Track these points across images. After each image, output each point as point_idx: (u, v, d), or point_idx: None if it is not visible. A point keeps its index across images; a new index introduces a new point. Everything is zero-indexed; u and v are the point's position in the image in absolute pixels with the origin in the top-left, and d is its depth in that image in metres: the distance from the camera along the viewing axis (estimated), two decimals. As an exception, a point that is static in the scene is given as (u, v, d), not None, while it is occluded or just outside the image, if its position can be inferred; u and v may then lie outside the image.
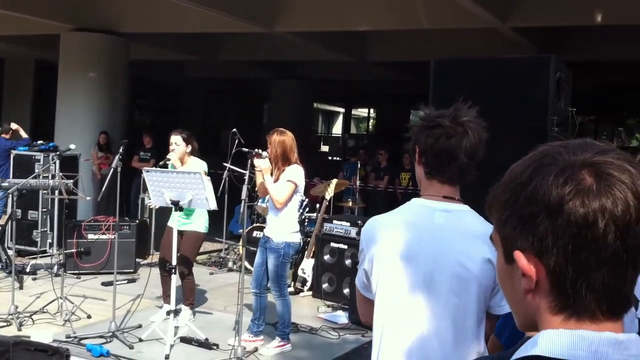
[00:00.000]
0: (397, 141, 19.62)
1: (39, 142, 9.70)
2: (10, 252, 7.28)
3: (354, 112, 30.08)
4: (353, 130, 30.43)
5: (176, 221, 5.58)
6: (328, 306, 6.96)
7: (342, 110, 30.04)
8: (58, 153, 7.35)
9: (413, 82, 14.20)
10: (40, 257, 8.42)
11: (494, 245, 0.98)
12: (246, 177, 5.59)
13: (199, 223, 6.04)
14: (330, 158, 23.54)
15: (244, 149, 5.88)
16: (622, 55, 12.17)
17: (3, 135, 9.89)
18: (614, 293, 0.87)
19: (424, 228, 2.04)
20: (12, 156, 9.24)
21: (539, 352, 0.87)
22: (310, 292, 7.42)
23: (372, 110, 28.40)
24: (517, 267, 0.91)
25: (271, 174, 5.39)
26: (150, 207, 6.18)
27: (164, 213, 6.35)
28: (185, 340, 5.52)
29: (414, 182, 10.47)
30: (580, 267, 0.86)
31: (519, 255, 0.90)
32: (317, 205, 8.03)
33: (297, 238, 5.52)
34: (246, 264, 7.69)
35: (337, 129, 31.27)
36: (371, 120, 28.97)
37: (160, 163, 6.07)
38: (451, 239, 2.01)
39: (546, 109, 4.30)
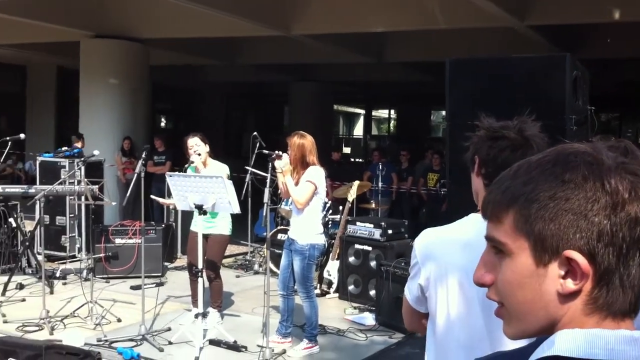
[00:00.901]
0: (419, 142, 19.57)
1: (63, 148, 9.83)
2: (39, 258, 7.38)
3: (374, 113, 30.06)
4: (374, 131, 30.41)
5: (200, 225, 5.63)
6: (355, 308, 6.98)
7: (362, 111, 30.03)
8: (83, 159, 7.44)
9: (433, 82, 14.17)
10: (70, 262, 8.54)
11: (498, 247, 0.93)
12: (268, 180, 5.63)
13: (223, 226, 6.09)
14: (352, 160, 23.54)
15: (264, 151, 5.93)
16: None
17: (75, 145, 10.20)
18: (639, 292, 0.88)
19: (482, 247, 2.03)
20: (38, 163, 9.39)
21: (557, 352, 0.86)
22: (337, 294, 7.45)
23: (392, 111, 28.36)
24: (553, 268, 0.88)
25: (292, 176, 5.42)
26: (167, 206, 6.19)
27: (189, 217, 6.41)
28: (214, 342, 5.57)
29: (442, 184, 10.44)
30: (628, 266, 0.86)
31: (576, 255, 0.86)
32: (340, 207, 8.06)
33: (321, 239, 5.56)
34: (272, 266, 7.74)
35: (359, 130, 31.26)
36: (392, 121, 28.93)
37: (185, 166, 6.12)
38: None
39: (563, 107, 4.30)
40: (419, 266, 2.10)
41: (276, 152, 5.50)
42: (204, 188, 5.42)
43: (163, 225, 8.53)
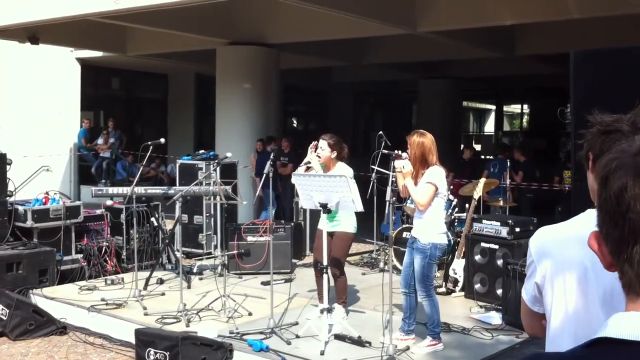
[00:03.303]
0: (553, 137, 18.82)
1: (200, 151, 10.39)
2: (178, 254, 7.87)
3: (505, 108, 29.21)
4: (506, 127, 29.54)
5: (325, 223, 5.79)
6: (481, 307, 6.88)
7: (493, 107, 29.27)
8: (217, 161, 7.84)
9: (566, 74, 13.59)
10: (206, 258, 9.03)
11: None
12: (390, 179, 5.68)
13: (348, 223, 6.19)
14: (482, 157, 23.05)
15: (383, 150, 5.96)
16: None
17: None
18: None
19: None
20: (177, 165, 10.00)
21: (607, 334, 0.86)
22: (463, 293, 7.38)
23: (525, 106, 27.43)
24: None
25: (412, 175, 5.44)
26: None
27: (317, 215, 6.59)
28: (339, 337, 5.69)
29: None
30: None
31: None
32: (467, 205, 7.96)
33: (444, 239, 5.54)
34: (397, 264, 7.79)
35: (490, 127, 30.50)
36: (525, 116, 27.98)
37: (302, 164, 6.25)
38: None
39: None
40: (534, 265, 2.08)
41: (396, 151, 5.54)
42: (328, 187, 5.56)
43: (292, 224, 8.81)
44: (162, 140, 7.72)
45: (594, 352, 0.87)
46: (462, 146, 18.56)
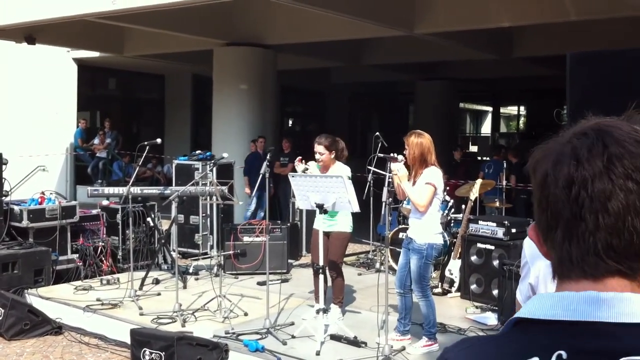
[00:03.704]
0: (549, 138, 18.74)
1: (197, 151, 10.39)
2: (174, 255, 7.87)
3: (502, 110, 29.28)
4: (503, 129, 29.60)
5: (321, 223, 5.79)
6: (477, 307, 6.89)
7: (489, 109, 29.34)
8: (213, 161, 7.84)
9: (563, 76, 13.61)
10: (202, 258, 9.02)
11: None
12: (386, 180, 5.69)
13: (344, 223, 6.20)
14: (479, 158, 23.08)
15: (379, 154, 5.96)
16: None
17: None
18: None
19: None
20: (174, 165, 9.99)
21: (520, 315, 0.89)
22: (459, 293, 7.38)
23: (521, 108, 27.48)
24: None
25: (409, 178, 5.44)
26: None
27: (314, 216, 6.60)
28: (335, 337, 5.69)
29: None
30: None
31: None
32: (463, 206, 7.97)
33: (439, 239, 5.54)
34: (393, 264, 7.79)
35: (486, 128, 30.56)
36: (521, 118, 28.03)
37: (302, 169, 6.23)
38: None
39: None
40: (528, 266, 2.09)
41: (392, 154, 5.55)
42: (324, 188, 5.57)
43: (288, 224, 8.81)
44: (159, 140, 7.71)
45: (519, 331, 0.90)
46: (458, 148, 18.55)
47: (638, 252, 0.86)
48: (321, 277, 5.78)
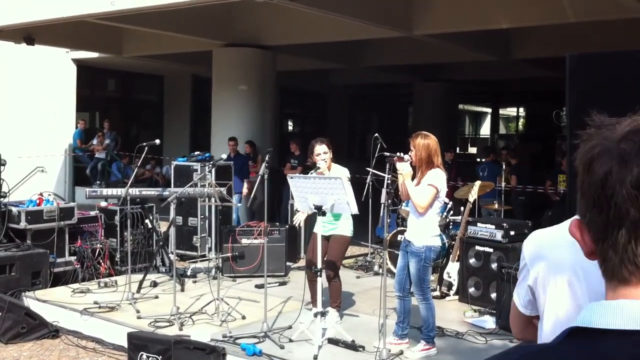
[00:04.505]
0: (549, 140, 18.83)
1: (196, 152, 10.37)
2: (172, 257, 7.84)
3: (501, 111, 29.28)
4: (502, 130, 29.59)
5: (321, 226, 5.76)
6: (475, 311, 6.86)
7: (489, 110, 29.34)
8: (212, 163, 7.81)
9: (563, 78, 13.61)
10: (200, 261, 8.99)
11: None
12: (385, 181, 5.66)
13: (345, 227, 6.18)
14: (478, 160, 23.09)
15: (385, 153, 5.95)
16: None
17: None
18: None
19: None
20: (173, 167, 9.97)
21: (578, 324, 0.87)
22: (457, 297, 7.36)
23: (521, 109, 27.49)
24: None
25: (412, 178, 5.43)
26: (295, 224, 6.45)
27: (312, 219, 6.58)
28: (332, 341, 5.67)
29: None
30: None
31: None
32: (462, 208, 7.95)
33: (438, 242, 5.52)
34: (392, 267, 7.77)
35: (486, 130, 30.56)
36: (521, 120, 28.03)
37: (312, 171, 6.22)
38: None
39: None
40: (527, 268, 2.07)
41: (398, 153, 5.51)
42: (323, 189, 5.54)
43: (287, 226, 8.78)
44: (157, 141, 7.69)
45: (576, 341, 0.86)
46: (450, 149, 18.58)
47: None
48: (319, 280, 5.75)
